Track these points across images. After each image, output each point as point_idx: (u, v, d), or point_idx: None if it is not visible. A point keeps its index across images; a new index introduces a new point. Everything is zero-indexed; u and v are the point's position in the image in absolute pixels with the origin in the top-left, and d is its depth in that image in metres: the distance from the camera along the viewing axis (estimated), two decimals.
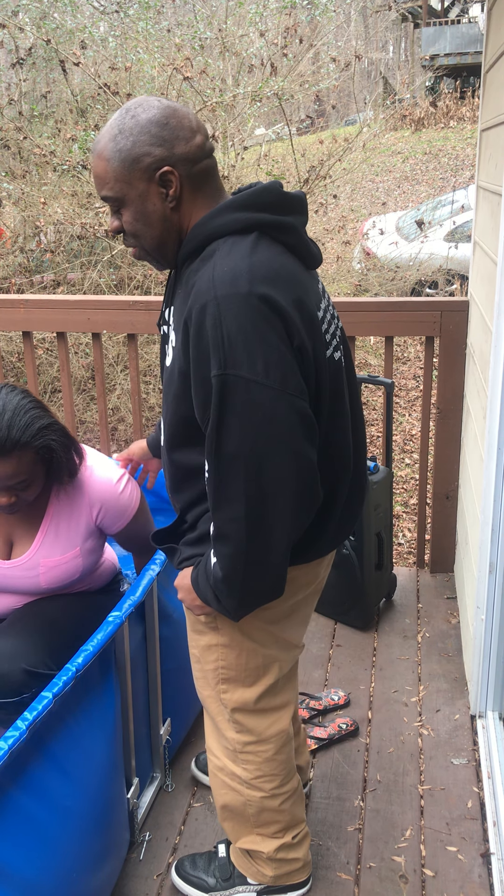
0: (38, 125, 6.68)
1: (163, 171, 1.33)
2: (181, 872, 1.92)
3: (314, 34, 7.58)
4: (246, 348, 1.24)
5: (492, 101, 2.52)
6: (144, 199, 1.35)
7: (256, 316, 1.25)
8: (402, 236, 8.65)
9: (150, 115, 1.32)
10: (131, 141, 1.31)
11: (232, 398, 1.25)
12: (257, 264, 1.28)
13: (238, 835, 1.80)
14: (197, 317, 1.27)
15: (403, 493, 4.79)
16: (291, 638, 1.64)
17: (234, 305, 1.24)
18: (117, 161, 1.32)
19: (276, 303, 1.26)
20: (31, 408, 1.79)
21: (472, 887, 1.91)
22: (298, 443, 1.30)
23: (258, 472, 1.29)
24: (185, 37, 6.88)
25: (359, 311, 3.08)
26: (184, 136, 1.34)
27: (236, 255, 1.29)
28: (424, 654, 2.81)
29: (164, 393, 1.46)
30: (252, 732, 1.66)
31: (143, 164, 1.32)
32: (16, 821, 1.47)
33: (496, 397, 2.12)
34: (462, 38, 20.62)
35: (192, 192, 1.37)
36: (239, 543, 1.33)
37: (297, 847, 1.82)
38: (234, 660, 1.58)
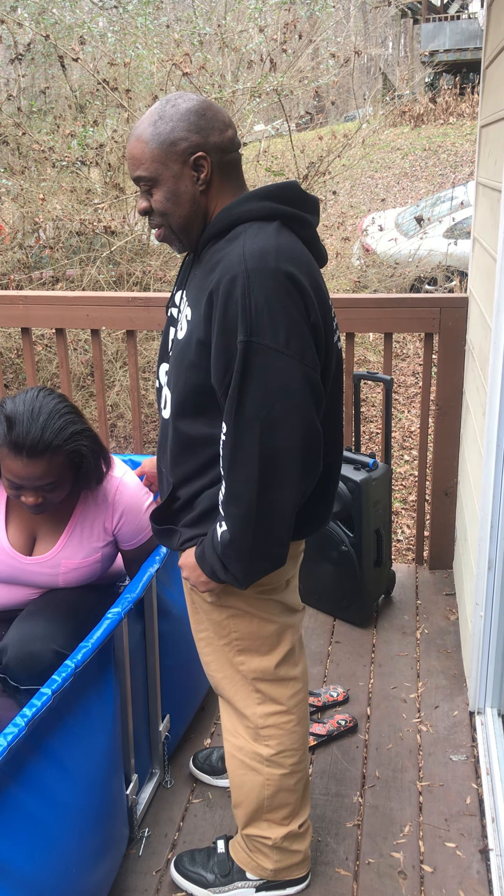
0: (36, 121, 6.67)
1: (197, 156, 1.43)
2: (180, 868, 1.92)
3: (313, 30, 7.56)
4: (271, 319, 1.34)
5: (491, 97, 2.51)
6: (178, 180, 1.45)
7: (281, 290, 1.35)
8: (401, 233, 8.64)
9: (190, 106, 1.44)
10: (170, 126, 1.42)
11: (255, 364, 1.35)
12: (284, 245, 1.40)
13: (248, 820, 1.82)
14: (226, 287, 1.36)
15: (402, 489, 4.79)
16: (292, 602, 1.72)
17: (262, 279, 1.35)
18: (156, 143, 1.43)
19: (299, 281, 1.38)
20: (66, 412, 1.84)
21: (471, 883, 1.91)
22: (309, 412, 1.40)
23: (272, 436, 1.38)
24: (184, 32, 6.87)
25: (358, 308, 3.08)
26: (218, 128, 1.45)
27: (264, 236, 1.40)
28: (423, 651, 2.81)
29: (174, 365, 1.52)
30: (276, 701, 1.71)
31: (180, 147, 1.43)
32: (15, 817, 1.47)
33: (495, 394, 2.12)
34: (462, 34, 20.59)
35: (221, 180, 1.48)
36: (250, 504, 1.40)
37: (301, 838, 1.84)
38: (246, 628, 1.64)
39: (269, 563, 1.48)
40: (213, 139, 1.44)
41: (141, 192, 1.49)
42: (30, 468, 1.78)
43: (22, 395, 1.84)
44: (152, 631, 2.04)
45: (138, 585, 1.92)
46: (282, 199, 1.45)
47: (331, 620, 3.01)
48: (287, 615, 1.69)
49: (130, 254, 5.89)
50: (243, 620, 1.63)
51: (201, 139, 1.43)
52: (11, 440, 1.76)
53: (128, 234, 5.74)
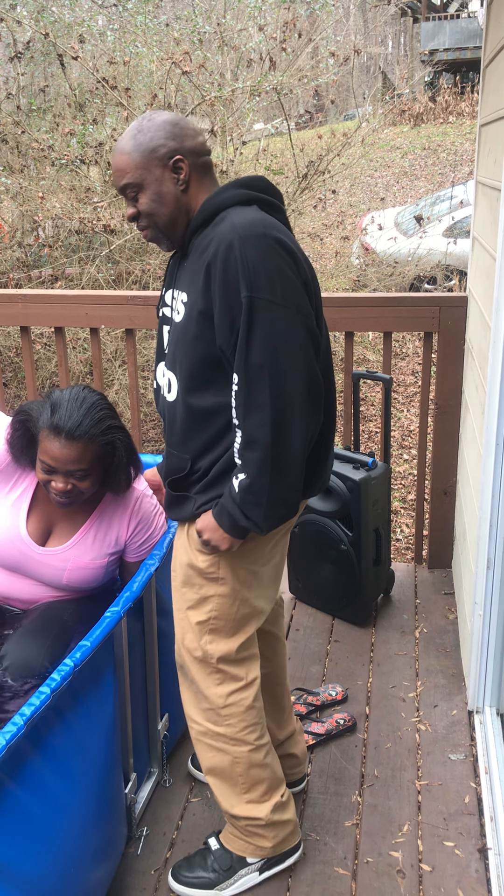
0: (36, 119, 6.66)
1: (175, 159, 1.60)
2: (179, 878, 1.90)
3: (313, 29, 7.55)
4: (268, 276, 1.49)
5: (491, 95, 2.51)
6: (160, 183, 1.61)
7: (273, 252, 1.51)
8: (400, 232, 8.64)
9: (165, 118, 1.62)
10: (149, 136, 1.60)
11: (259, 317, 1.49)
12: (266, 219, 1.56)
13: (230, 802, 1.85)
14: (224, 253, 1.50)
15: (401, 488, 4.79)
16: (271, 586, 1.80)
17: (255, 242, 1.50)
18: (138, 153, 1.59)
19: (286, 244, 1.54)
20: (106, 407, 1.98)
21: (470, 882, 1.92)
22: (310, 357, 1.55)
23: (280, 381, 1.51)
24: (183, 31, 6.86)
25: (357, 307, 3.08)
26: (191, 134, 1.63)
27: (247, 213, 1.55)
28: (422, 650, 2.81)
29: (177, 345, 1.63)
30: (236, 679, 1.77)
31: (159, 153, 1.59)
32: (13, 816, 1.47)
33: (494, 393, 2.12)
34: (461, 33, 20.58)
35: (198, 179, 1.64)
36: (266, 447, 1.52)
37: (286, 806, 1.89)
38: (227, 609, 1.72)
39: (285, 510, 1.59)
40: (188, 144, 1.61)
41: (127, 199, 1.65)
42: (66, 450, 1.89)
43: (68, 389, 1.99)
44: (151, 630, 2.04)
45: (137, 584, 1.92)
46: (254, 187, 1.62)
47: (329, 619, 3.01)
48: (265, 600, 1.78)
49: (129, 252, 5.89)
50: (227, 600, 1.71)
51: (178, 144, 1.60)
52: (53, 423, 1.89)
53: (127, 232, 5.73)
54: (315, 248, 7.78)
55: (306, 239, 7.21)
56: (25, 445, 2.02)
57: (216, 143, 6.55)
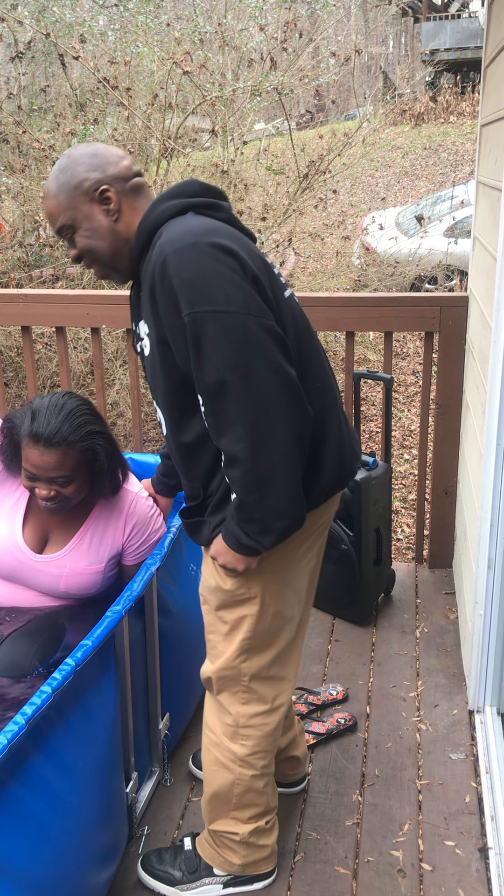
0: (37, 119, 6.66)
1: (101, 190, 1.56)
2: (147, 867, 1.93)
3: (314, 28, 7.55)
4: (206, 286, 1.40)
5: (492, 95, 2.51)
6: (91, 218, 1.57)
7: (208, 258, 1.42)
8: (401, 231, 8.64)
9: (82, 150, 1.58)
10: (69, 174, 1.56)
11: (205, 331, 1.40)
12: (198, 225, 1.47)
13: (214, 816, 1.85)
14: (159, 274, 1.44)
15: (402, 488, 4.79)
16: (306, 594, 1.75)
17: (186, 254, 1.41)
18: (63, 194, 1.56)
19: (223, 245, 1.44)
20: (86, 413, 1.95)
21: (470, 881, 1.92)
22: (274, 357, 1.43)
23: (246, 391, 1.41)
24: (184, 31, 6.85)
25: (358, 307, 3.08)
26: (113, 161, 1.58)
27: (179, 225, 1.48)
28: (423, 650, 2.81)
29: (153, 384, 1.60)
30: (262, 701, 1.73)
31: (83, 188, 1.56)
32: (15, 815, 1.47)
33: (495, 393, 2.12)
34: (462, 33, 20.58)
35: (130, 205, 1.59)
36: (246, 462, 1.44)
37: (268, 833, 1.87)
38: (260, 626, 1.66)
39: (286, 522, 1.49)
40: (111, 171, 1.57)
41: (67, 241, 1.62)
42: (45, 457, 1.88)
43: (49, 395, 1.97)
44: (152, 629, 2.04)
45: (139, 583, 1.92)
46: (185, 194, 1.55)
47: (330, 619, 3.01)
48: (297, 607, 1.73)
49: None
50: (261, 619, 1.65)
51: (101, 174, 1.56)
52: (32, 430, 1.88)
53: None
54: (316, 247, 7.78)
55: (307, 239, 7.21)
56: (13, 454, 2.01)
57: (217, 144, 6.55)
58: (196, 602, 2.16)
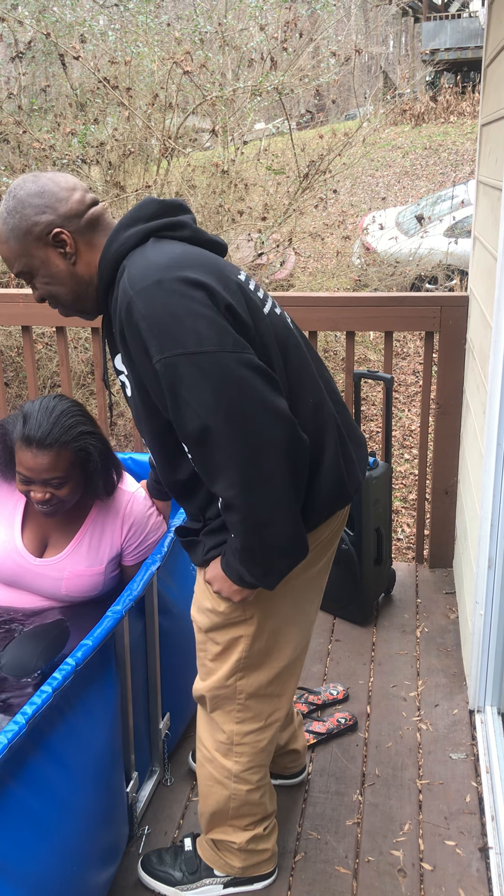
0: (37, 119, 6.66)
1: (54, 233, 1.45)
2: (147, 867, 1.93)
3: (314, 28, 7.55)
4: (175, 327, 1.31)
5: (492, 95, 2.51)
6: (47, 264, 1.48)
7: (175, 296, 1.32)
8: (401, 231, 8.64)
9: (28, 189, 1.46)
10: (18, 217, 1.45)
11: (179, 377, 1.31)
12: (160, 257, 1.38)
13: (212, 825, 1.85)
14: (126, 319, 1.35)
15: (403, 488, 4.79)
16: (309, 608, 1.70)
17: (151, 294, 1.32)
18: (14, 239, 1.46)
19: (188, 278, 1.34)
20: (77, 414, 1.96)
21: (471, 881, 1.92)
22: (259, 392, 1.33)
23: (232, 435, 1.32)
24: (184, 31, 6.85)
25: (358, 307, 3.08)
26: (63, 197, 1.47)
27: (140, 259, 1.39)
28: (423, 649, 2.81)
29: (138, 425, 1.54)
30: (257, 718, 1.70)
31: (35, 233, 1.45)
32: (15, 815, 1.47)
33: (495, 393, 2.12)
34: (462, 33, 20.58)
35: (87, 243, 1.49)
36: (243, 507, 1.36)
37: (267, 838, 1.87)
38: (257, 645, 1.63)
39: (288, 559, 1.44)
40: (62, 211, 1.46)
41: (28, 284, 1.53)
42: (38, 459, 1.88)
43: (39, 399, 1.98)
44: (153, 629, 2.04)
45: (139, 583, 1.92)
46: (143, 218, 1.46)
47: (331, 619, 3.01)
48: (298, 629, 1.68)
49: None
50: (256, 640, 1.62)
51: (51, 216, 1.45)
52: (24, 433, 1.88)
53: None
54: (316, 247, 7.78)
55: (307, 239, 7.21)
56: (8, 459, 2.01)
57: (217, 144, 6.55)
58: None
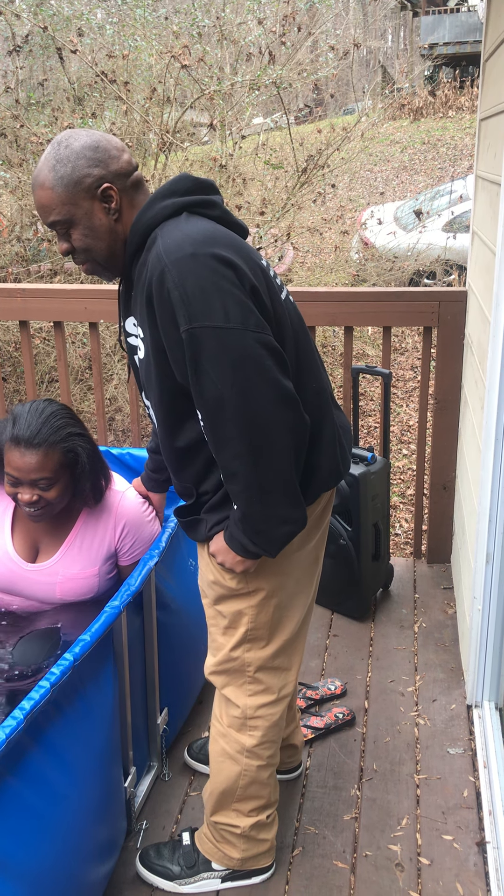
0: (34, 113, 6.64)
1: (104, 188, 1.49)
2: (145, 862, 1.94)
3: (312, 22, 7.53)
4: (205, 300, 1.38)
5: (491, 89, 2.51)
6: (91, 216, 1.51)
7: (207, 270, 1.39)
8: (400, 226, 8.63)
9: (83, 142, 1.49)
10: (70, 167, 1.47)
11: (203, 347, 1.39)
12: (195, 232, 1.43)
13: (217, 807, 1.85)
14: (157, 286, 1.41)
15: (401, 483, 4.79)
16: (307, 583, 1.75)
17: (185, 266, 1.38)
18: (61, 187, 1.48)
19: (220, 255, 1.41)
20: (66, 416, 1.97)
21: (468, 875, 1.92)
22: (272, 372, 1.42)
23: (244, 407, 1.40)
24: (182, 24, 6.83)
25: (356, 301, 3.07)
26: (115, 156, 1.51)
27: (175, 230, 1.44)
28: (421, 644, 2.81)
29: (146, 387, 1.59)
30: (269, 692, 1.74)
31: (85, 184, 1.48)
32: (14, 810, 1.47)
33: (494, 388, 2.12)
34: (461, 27, 20.54)
35: (130, 203, 1.54)
36: (247, 476, 1.44)
37: (268, 828, 1.88)
38: (262, 618, 1.67)
39: (290, 526, 1.51)
40: (113, 167, 1.50)
41: (59, 234, 1.55)
42: (26, 459, 1.89)
43: (29, 402, 1.99)
44: (151, 624, 2.04)
45: (137, 578, 1.92)
46: (179, 192, 1.50)
47: (329, 614, 3.02)
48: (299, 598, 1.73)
49: None
50: (261, 611, 1.66)
51: (103, 171, 1.49)
52: (13, 434, 1.90)
53: None
54: (314, 242, 7.77)
55: (305, 233, 7.20)
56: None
57: (215, 138, 6.54)
58: (194, 597, 2.16)
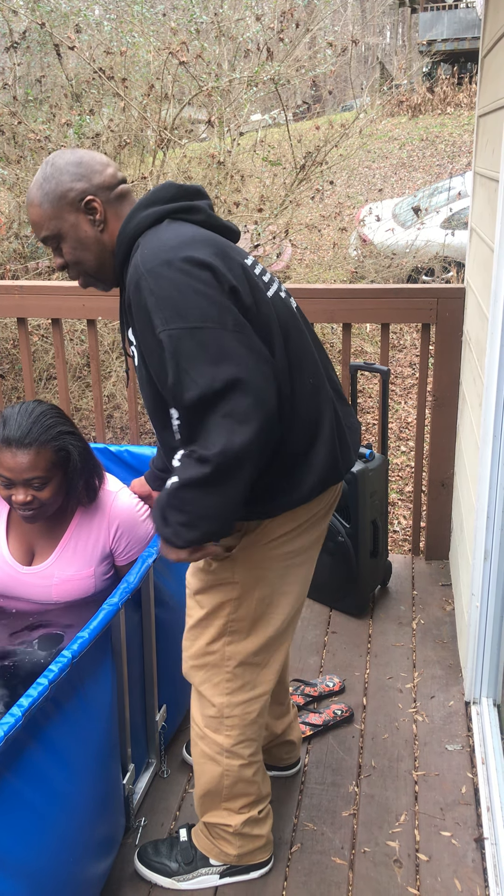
0: (32, 110, 6.63)
1: (87, 200, 1.55)
2: (143, 859, 1.94)
3: (311, 19, 7.52)
4: (181, 303, 1.39)
5: (489, 86, 2.50)
6: (77, 228, 1.57)
7: (181, 274, 1.40)
8: (398, 223, 8.62)
9: (67, 159, 1.57)
10: (55, 182, 1.54)
11: (180, 347, 1.39)
12: (171, 238, 1.46)
13: (206, 807, 1.86)
14: (134, 295, 1.44)
15: (399, 480, 4.79)
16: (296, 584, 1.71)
17: (159, 272, 1.41)
18: (47, 203, 1.55)
19: (197, 258, 1.42)
20: (56, 415, 1.98)
21: (466, 871, 1.93)
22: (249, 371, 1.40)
23: (221, 404, 1.39)
24: (180, 21, 6.82)
25: (355, 298, 3.07)
26: (98, 170, 1.57)
27: (153, 238, 1.48)
28: (419, 641, 2.82)
29: (140, 387, 1.60)
30: (246, 688, 1.72)
31: (69, 198, 1.54)
32: (12, 807, 1.47)
33: (492, 385, 2.12)
34: (459, 24, 20.53)
35: (115, 213, 1.58)
36: (210, 464, 1.40)
37: (262, 823, 1.88)
38: (244, 610, 1.67)
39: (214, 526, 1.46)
40: (96, 181, 1.56)
41: (52, 250, 1.61)
42: (18, 459, 1.89)
43: (19, 404, 1.99)
44: (149, 621, 2.04)
45: (135, 575, 1.92)
46: (161, 200, 1.54)
47: (327, 611, 3.02)
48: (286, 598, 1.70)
49: None
50: (243, 602, 1.66)
51: (86, 184, 1.55)
52: (4, 435, 1.90)
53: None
54: (313, 239, 7.77)
55: (304, 230, 7.19)
56: None
57: (213, 135, 6.53)
58: None
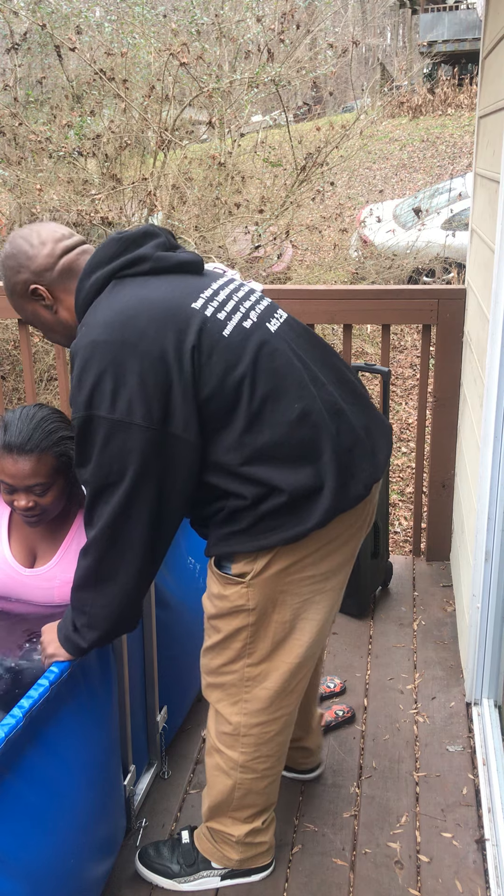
0: (33, 111, 6.64)
1: (31, 289, 1.59)
2: (145, 860, 1.93)
3: (311, 20, 7.52)
4: (97, 389, 1.40)
5: (490, 87, 2.51)
6: (37, 316, 1.64)
7: (105, 359, 1.41)
8: (399, 224, 8.63)
9: (5, 252, 1.61)
10: (5, 279, 1.62)
11: (88, 433, 1.42)
12: (108, 314, 1.46)
13: (212, 815, 1.85)
14: (70, 368, 1.49)
15: (400, 481, 4.79)
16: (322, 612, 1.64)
17: (87, 352, 1.42)
18: (8, 297, 1.64)
19: (118, 339, 1.41)
20: (58, 420, 1.97)
21: (467, 873, 1.92)
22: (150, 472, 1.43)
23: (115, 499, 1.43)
24: (181, 22, 6.83)
25: (355, 299, 3.07)
26: (31, 255, 1.57)
27: (94, 312, 1.49)
28: (420, 642, 2.81)
29: None
30: (264, 712, 1.68)
31: (18, 291, 1.61)
32: (13, 808, 1.47)
33: (493, 385, 2.12)
34: (460, 25, 20.55)
35: (64, 290, 1.60)
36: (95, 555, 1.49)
37: (265, 831, 1.87)
38: (261, 637, 1.62)
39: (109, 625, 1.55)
40: (33, 267, 1.57)
41: None
42: (19, 465, 1.88)
43: (20, 408, 1.99)
44: (150, 621, 2.04)
45: None
46: (103, 261, 1.53)
47: None
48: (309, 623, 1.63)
49: None
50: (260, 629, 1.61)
51: (26, 274, 1.58)
52: (5, 441, 1.89)
53: (125, 224, 5.71)
54: (313, 240, 7.76)
55: (304, 231, 7.19)
56: None
57: (214, 136, 6.53)
58: (193, 595, 2.17)
